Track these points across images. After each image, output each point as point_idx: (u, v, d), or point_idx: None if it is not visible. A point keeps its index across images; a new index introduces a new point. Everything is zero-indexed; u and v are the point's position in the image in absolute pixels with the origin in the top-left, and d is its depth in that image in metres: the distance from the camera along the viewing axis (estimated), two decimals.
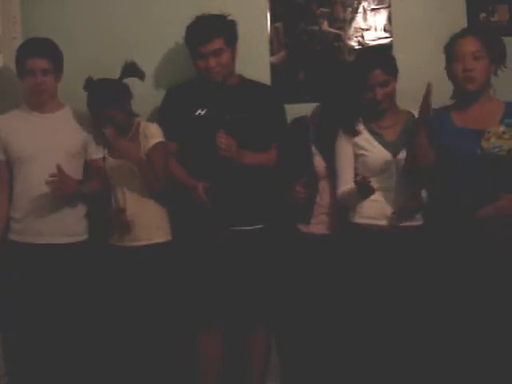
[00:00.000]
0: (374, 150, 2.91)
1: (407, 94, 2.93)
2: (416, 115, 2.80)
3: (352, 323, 2.91)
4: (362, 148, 2.92)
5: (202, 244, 3.02)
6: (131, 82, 3.07)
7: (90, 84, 2.98)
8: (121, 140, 2.95)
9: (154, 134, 3.02)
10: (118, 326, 3.03)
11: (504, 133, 2.64)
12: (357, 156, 2.94)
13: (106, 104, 2.94)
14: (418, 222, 2.89)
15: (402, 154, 2.86)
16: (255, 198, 3.02)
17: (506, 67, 2.74)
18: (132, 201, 3.02)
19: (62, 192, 2.86)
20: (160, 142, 3.01)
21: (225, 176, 2.94)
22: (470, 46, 2.69)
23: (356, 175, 2.90)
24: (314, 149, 3.03)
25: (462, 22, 3.21)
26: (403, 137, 2.90)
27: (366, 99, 2.91)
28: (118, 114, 2.96)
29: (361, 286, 2.87)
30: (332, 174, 3.00)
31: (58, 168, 2.81)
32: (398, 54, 3.06)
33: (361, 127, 2.94)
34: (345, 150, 2.95)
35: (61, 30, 3.28)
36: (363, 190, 2.77)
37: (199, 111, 3.04)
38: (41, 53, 2.93)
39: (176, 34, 3.09)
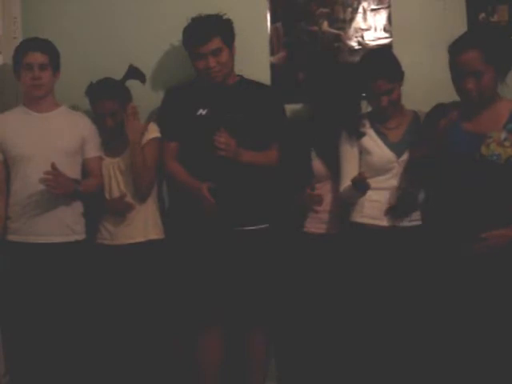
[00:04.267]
0: (379, 151, 2.91)
1: (407, 95, 2.93)
2: (420, 115, 2.87)
3: (351, 323, 2.91)
4: (367, 148, 2.92)
5: (204, 244, 3.01)
6: (131, 81, 3.12)
7: (92, 86, 3.06)
8: (134, 120, 3.00)
9: (150, 130, 3.09)
10: (118, 325, 3.03)
11: (505, 139, 2.57)
12: (361, 155, 2.95)
13: (108, 96, 3.00)
14: (416, 222, 2.88)
15: (406, 156, 2.88)
16: (257, 198, 3.02)
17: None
18: (128, 198, 3.06)
19: (58, 190, 2.86)
20: (155, 138, 3.07)
21: (227, 176, 2.93)
22: (471, 63, 2.55)
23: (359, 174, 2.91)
24: (312, 153, 3.03)
25: (462, 22, 3.21)
26: (407, 138, 2.90)
27: (371, 105, 2.93)
28: (118, 108, 3.01)
29: (360, 286, 2.87)
30: (332, 175, 3.00)
31: (53, 166, 2.82)
32: (398, 55, 3.05)
33: (367, 128, 2.95)
34: (349, 151, 2.95)
35: (61, 30, 3.29)
36: (359, 186, 2.78)
37: (200, 111, 3.04)
38: (39, 48, 2.96)
39: (175, 34, 3.09)
